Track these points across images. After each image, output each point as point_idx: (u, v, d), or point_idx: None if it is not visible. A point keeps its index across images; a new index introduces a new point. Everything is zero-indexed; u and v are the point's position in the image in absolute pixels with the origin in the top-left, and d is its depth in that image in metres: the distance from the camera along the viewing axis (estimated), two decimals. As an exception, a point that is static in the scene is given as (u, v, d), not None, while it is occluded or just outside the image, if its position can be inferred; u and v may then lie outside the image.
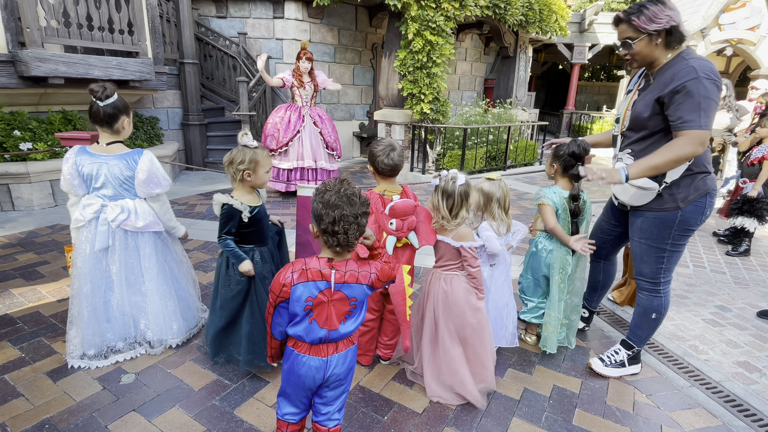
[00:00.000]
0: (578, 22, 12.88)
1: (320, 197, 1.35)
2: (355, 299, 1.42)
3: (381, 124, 7.27)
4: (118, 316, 2.26)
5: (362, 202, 1.37)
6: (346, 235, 1.33)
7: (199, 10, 7.58)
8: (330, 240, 1.35)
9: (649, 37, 1.92)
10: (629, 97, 2.16)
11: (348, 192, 1.35)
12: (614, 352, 2.36)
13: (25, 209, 4.74)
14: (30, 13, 4.31)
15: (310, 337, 1.40)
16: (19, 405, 1.94)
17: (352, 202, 1.34)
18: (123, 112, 2.13)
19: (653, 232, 2.13)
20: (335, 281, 1.37)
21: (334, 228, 1.32)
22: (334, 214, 1.31)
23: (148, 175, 2.17)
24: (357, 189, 1.40)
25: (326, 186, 1.38)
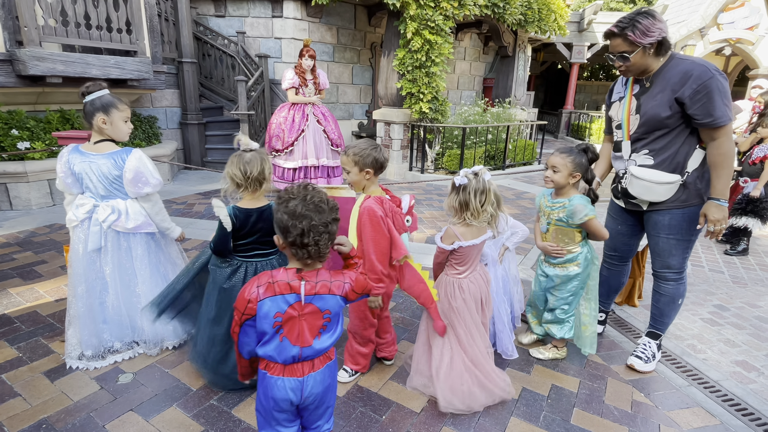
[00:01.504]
0: (577, 22, 12.89)
1: (284, 207, 1.24)
2: (329, 311, 1.31)
3: (380, 124, 7.27)
4: (114, 317, 2.24)
5: (331, 208, 1.27)
6: (317, 246, 1.24)
7: (198, 9, 7.56)
8: (300, 253, 1.25)
9: (643, 49, 2.00)
10: (626, 103, 2.20)
11: (315, 199, 1.25)
12: (645, 347, 2.41)
13: (23, 209, 4.73)
14: (28, 12, 4.29)
15: (283, 357, 1.29)
16: (16, 405, 1.93)
17: (320, 209, 1.24)
18: (99, 110, 2.07)
19: (683, 227, 2.21)
20: (305, 293, 1.27)
21: (303, 240, 1.22)
22: (302, 225, 1.21)
23: (135, 174, 2.12)
24: (324, 194, 1.30)
25: (289, 193, 1.26)
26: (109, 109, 2.09)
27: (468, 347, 2.06)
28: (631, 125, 2.19)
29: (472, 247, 1.98)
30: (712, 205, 2.07)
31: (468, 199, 1.90)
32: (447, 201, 1.99)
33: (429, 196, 6.04)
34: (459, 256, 2.01)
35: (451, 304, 2.03)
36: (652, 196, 2.19)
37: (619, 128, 2.26)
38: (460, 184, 1.92)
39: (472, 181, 1.90)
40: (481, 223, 1.94)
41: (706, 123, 1.98)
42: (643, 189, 2.19)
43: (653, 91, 2.09)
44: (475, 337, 2.06)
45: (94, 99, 2.07)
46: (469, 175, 1.92)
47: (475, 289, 2.05)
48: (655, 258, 2.35)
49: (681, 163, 2.12)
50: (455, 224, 1.97)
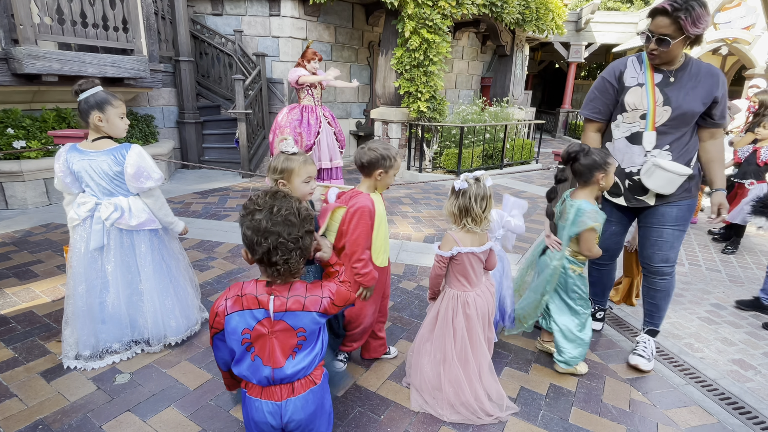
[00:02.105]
0: (575, 21, 12.90)
1: (249, 220, 1.12)
2: (303, 329, 1.20)
3: (378, 123, 7.26)
4: (113, 317, 2.23)
5: (303, 219, 1.14)
6: (287, 264, 1.13)
7: (195, 8, 7.53)
8: (268, 270, 1.16)
9: (685, 39, 1.92)
10: (650, 92, 2.07)
11: (284, 210, 1.11)
12: (645, 345, 2.43)
13: (19, 208, 4.70)
14: (23, 10, 4.26)
15: (257, 377, 1.20)
16: (12, 405, 1.92)
17: (289, 222, 1.11)
18: (94, 108, 2.05)
19: (686, 218, 2.28)
20: (275, 309, 1.17)
21: (270, 258, 1.11)
22: (267, 243, 1.09)
23: (137, 169, 2.12)
24: (294, 202, 1.16)
25: (254, 204, 1.13)
26: (104, 106, 2.08)
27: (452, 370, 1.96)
28: (657, 116, 2.08)
29: (473, 255, 1.91)
30: (720, 194, 2.17)
31: (468, 204, 1.85)
32: (446, 206, 1.93)
33: (427, 195, 6.03)
34: (458, 265, 1.93)
35: (448, 321, 1.96)
36: (669, 188, 2.15)
37: (644, 118, 2.11)
38: (459, 189, 1.87)
39: (473, 186, 1.86)
40: (483, 229, 1.90)
41: (720, 123, 2.10)
42: (666, 181, 2.12)
43: (685, 86, 2.04)
44: (468, 359, 1.97)
45: (88, 97, 2.05)
46: (469, 180, 1.87)
47: (482, 304, 1.98)
48: (655, 252, 2.30)
49: (691, 157, 2.18)
50: (454, 230, 1.93)
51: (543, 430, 1.92)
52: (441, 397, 1.98)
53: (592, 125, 2.35)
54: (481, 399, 1.97)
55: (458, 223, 1.91)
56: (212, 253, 3.70)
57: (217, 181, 6.35)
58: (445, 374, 1.98)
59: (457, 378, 1.96)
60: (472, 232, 1.90)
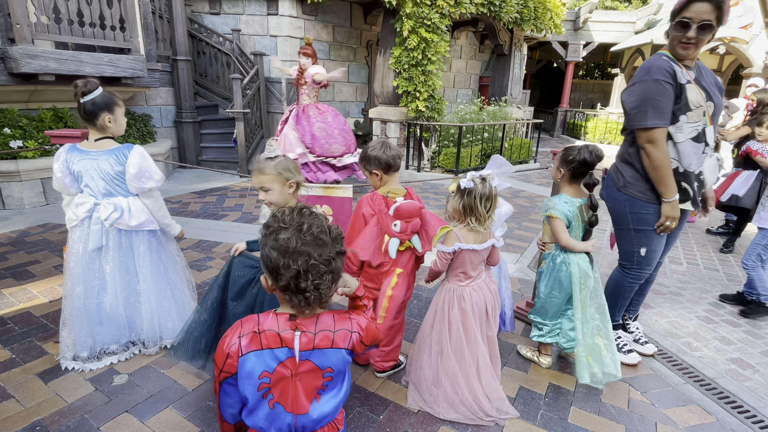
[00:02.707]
0: (573, 20, 12.91)
1: (273, 240, 0.96)
2: (331, 369, 1.04)
3: (376, 122, 7.25)
4: (111, 318, 2.23)
5: (335, 238, 1.00)
6: (318, 290, 0.97)
7: (192, 7, 7.51)
8: (295, 299, 0.98)
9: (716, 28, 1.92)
10: (697, 88, 2.03)
11: (314, 228, 0.97)
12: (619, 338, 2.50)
13: (16, 208, 4.68)
14: (20, 9, 4.24)
15: (276, 426, 1.03)
16: (9, 407, 1.91)
17: (320, 242, 0.97)
18: (104, 109, 2.06)
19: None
20: (301, 348, 1.00)
21: (299, 284, 0.95)
22: (297, 266, 0.94)
23: (139, 170, 2.12)
24: (324, 220, 1.02)
25: (280, 221, 0.99)
26: (113, 107, 2.11)
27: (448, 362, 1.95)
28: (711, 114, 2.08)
29: (473, 252, 1.90)
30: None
31: (473, 204, 1.83)
32: (450, 203, 1.91)
33: (425, 195, 6.03)
34: (457, 260, 1.92)
35: (444, 313, 1.96)
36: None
37: (704, 115, 2.05)
38: (465, 188, 1.84)
39: (479, 186, 1.83)
40: (486, 228, 1.90)
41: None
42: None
43: (708, 81, 2.08)
44: (464, 353, 1.95)
45: (95, 98, 2.05)
46: (476, 179, 1.84)
47: (479, 298, 1.96)
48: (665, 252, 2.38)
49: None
50: (457, 227, 1.91)
51: (542, 430, 1.92)
52: (438, 394, 1.97)
53: (663, 132, 2.04)
54: (479, 398, 1.95)
55: (462, 221, 1.90)
56: (210, 253, 3.69)
57: (215, 180, 6.34)
58: (441, 367, 1.98)
59: (453, 371, 1.96)
60: (475, 231, 1.89)
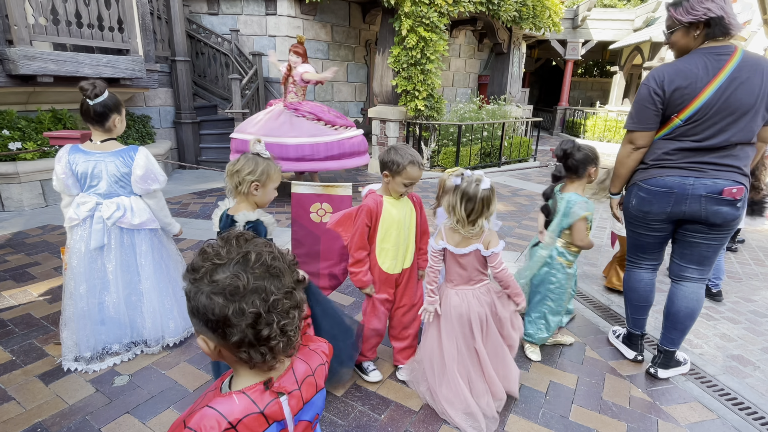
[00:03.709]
0: (571, 18, 12.91)
1: (208, 283, 0.73)
2: (318, 415, 0.92)
3: (375, 122, 7.25)
4: (113, 317, 2.23)
5: (290, 264, 0.80)
6: (285, 335, 0.76)
7: (191, 7, 7.50)
8: (256, 354, 0.75)
9: (685, 28, 1.95)
10: None
11: (265, 256, 0.76)
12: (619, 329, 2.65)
13: (15, 210, 4.67)
14: (17, 11, 4.24)
15: None
16: (10, 409, 1.91)
17: (276, 271, 0.76)
18: (114, 111, 2.10)
19: None
20: (293, 412, 0.83)
21: (260, 332, 0.73)
22: (255, 308, 0.72)
23: (146, 171, 2.15)
24: (267, 242, 0.81)
25: (212, 256, 0.75)
26: (121, 108, 2.14)
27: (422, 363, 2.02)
28: None
29: (451, 254, 1.88)
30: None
31: (453, 203, 1.79)
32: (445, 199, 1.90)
33: (425, 194, 6.03)
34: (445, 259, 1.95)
35: (437, 310, 1.97)
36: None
37: None
38: (452, 185, 1.82)
39: (463, 184, 1.78)
40: (467, 233, 1.81)
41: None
42: None
43: None
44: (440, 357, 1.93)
45: (105, 100, 2.07)
46: (466, 176, 1.79)
47: (461, 306, 1.89)
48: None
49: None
50: (447, 224, 1.89)
51: (543, 428, 1.92)
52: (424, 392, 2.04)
53: None
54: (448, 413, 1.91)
55: (451, 221, 1.88)
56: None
57: (214, 181, 6.33)
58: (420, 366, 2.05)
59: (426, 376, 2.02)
60: (457, 232, 1.85)
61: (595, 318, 2.90)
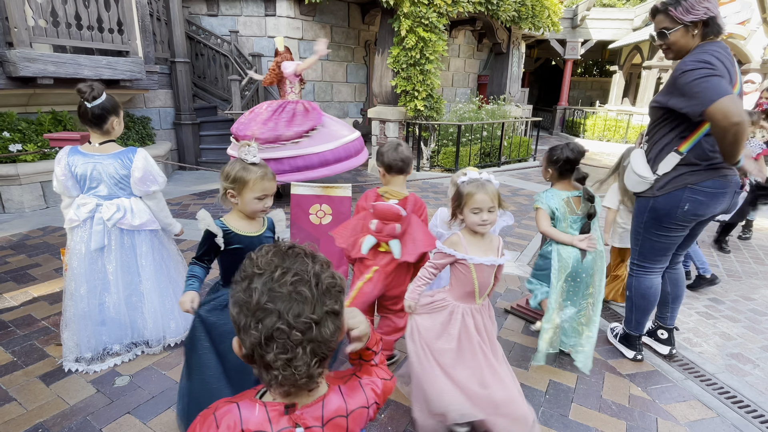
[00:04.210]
0: (570, 18, 12.91)
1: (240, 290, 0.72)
2: None
3: (375, 122, 7.26)
4: (114, 318, 2.24)
5: (325, 291, 0.72)
6: (291, 367, 0.69)
7: (190, 8, 7.51)
8: (265, 375, 0.73)
9: (685, 27, 1.94)
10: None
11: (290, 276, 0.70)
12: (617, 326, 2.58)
13: (16, 211, 4.68)
14: (17, 13, 4.25)
15: None
16: (11, 409, 1.92)
17: (299, 295, 0.69)
18: (112, 113, 2.10)
19: (635, 216, 2.28)
20: None
21: (263, 356, 0.69)
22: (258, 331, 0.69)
23: (144, 173, 2.16)
24: (313, 263, 0.74)
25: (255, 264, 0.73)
26: (119, 110, 2.15)
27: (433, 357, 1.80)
28: None
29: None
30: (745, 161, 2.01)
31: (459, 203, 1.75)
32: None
33: (425, 194, 6.03)
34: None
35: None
36: (627, 181, 2.26)
37: None
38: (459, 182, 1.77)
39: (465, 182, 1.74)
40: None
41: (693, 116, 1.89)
42: (626, 171, 2.27)
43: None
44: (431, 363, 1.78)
45: (104, 101, 2.07)
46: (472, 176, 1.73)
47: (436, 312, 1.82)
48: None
49: (653, 159, 2.13)
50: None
51: (543, 427, 1.92)
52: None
53: None
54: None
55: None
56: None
57: (214, 182, 6.34)
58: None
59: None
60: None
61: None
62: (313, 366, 0.71)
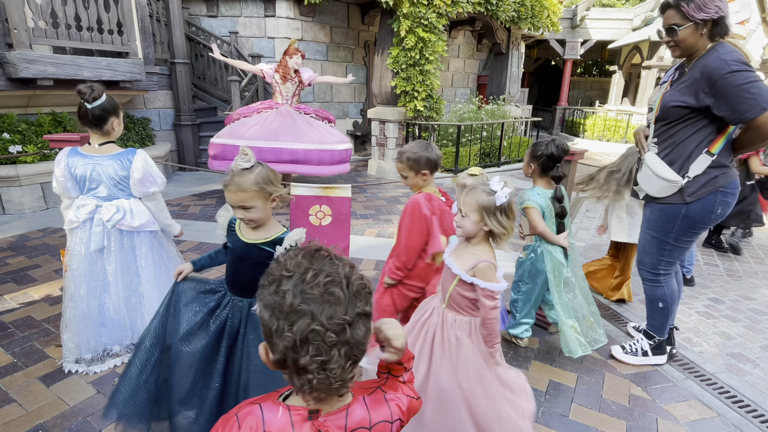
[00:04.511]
0: (570, 18, 12.92)
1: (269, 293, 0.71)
2: None
3: (375, 122, 7.26)
4: (114, 319, 2.24)
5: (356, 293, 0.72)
6: (325, 371, 0.69)
7: (190, 9, 7.51)
8: (296, 381, 0.72)
9: (695, 25, 1.90)
10: (662, 89, 2.13)
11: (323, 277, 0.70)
12: (637, 341, 2.42)
13: (16, 212, 4.68)
14: (17, 14, 4.25)
15: None
16: (12, 411, 1.92)
17: (331, 296, 0.69)
18: (112, 114, 2.10)
19: (658, 223, 2.16)
20: None
21: (297, 359, 0.68)
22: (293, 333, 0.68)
23: (144, 174, 2.16)
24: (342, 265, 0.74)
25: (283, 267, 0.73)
26: (119, 111, 2.15)
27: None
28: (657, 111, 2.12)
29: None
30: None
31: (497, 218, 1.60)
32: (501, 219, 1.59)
33: (425, 194, 6.03)
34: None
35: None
36: (648, 187, 2.15)
37: (651, 111, 2.19)
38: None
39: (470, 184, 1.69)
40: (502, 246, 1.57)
41: (734, 122, 1.90)
42: (645, 177, 2.16)
43: (684, 80, 1.99)
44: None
45: (104, 102, 2.07)
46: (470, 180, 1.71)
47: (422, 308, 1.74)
48: (637, 252, 2.40)
49: (677, 161, 2.04)
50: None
51: (543, 427, 1.93)
52: None
53: None
54: None
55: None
56: (211, 255, 3.70)
57: (214, 183, 6.34)
58: None
59: None
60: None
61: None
62: (347, 369, 0.71)
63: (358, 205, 5.42)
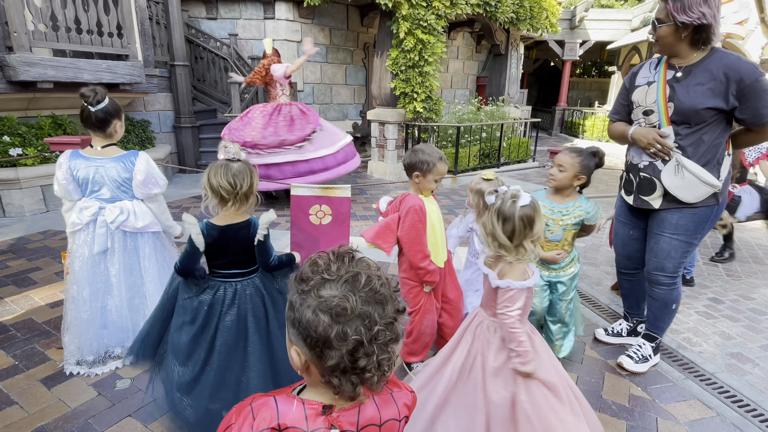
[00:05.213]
0: (569, 19, 12.95)
1: (316, 298, 0.70)
2: None
3: (374, 124, 7.27)
4: (116, 321, 2.25)
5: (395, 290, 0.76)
6: (380, 369, 0.71)
7: (189, 12, 7.53)
8: (346, 384, 0.71)
9: (675, 26, 1.89)
10: (659, 89, 2.02)
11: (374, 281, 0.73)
12: (639, 348, 2.37)
13: (16, 215, 4.69)
14: (17, 17, 4.26)
15: None
16: (13, 413, 1.92)
17: (381, 298, 0.72)
18: (115, 116, 2.12)
19: (689, 228, 2.09)
20: None
21: (357, 361, 0.69)
22: (359, 335, 0.68)
23: (146, 176, 2.18)
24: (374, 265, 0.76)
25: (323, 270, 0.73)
26: (121, 114, 2.17)
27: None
28: (669, 111, 2.02)
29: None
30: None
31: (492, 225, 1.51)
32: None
33: (424, 196, 6.04)
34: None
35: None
36: (687, 194, 2.03)
37: (648, 114, 2.09)
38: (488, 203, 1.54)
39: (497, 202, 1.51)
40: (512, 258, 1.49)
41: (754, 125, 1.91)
42: (685, 184, 2.01)
43: (692, 81, 1.94)
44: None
45: (107, 106, 2.09)
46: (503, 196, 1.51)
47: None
48: (650, 259, 2.23)
49: (710, 163, 1.99)
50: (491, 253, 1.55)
51: (543, 427, 1.93)
52: None
53: (612, 124, 2.41)
54: None
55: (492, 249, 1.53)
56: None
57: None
58: None
59: None
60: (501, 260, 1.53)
61: (595, 318, 2.91)
62: (393, 363, 0.74)
63: (358, 207, 5.43)
